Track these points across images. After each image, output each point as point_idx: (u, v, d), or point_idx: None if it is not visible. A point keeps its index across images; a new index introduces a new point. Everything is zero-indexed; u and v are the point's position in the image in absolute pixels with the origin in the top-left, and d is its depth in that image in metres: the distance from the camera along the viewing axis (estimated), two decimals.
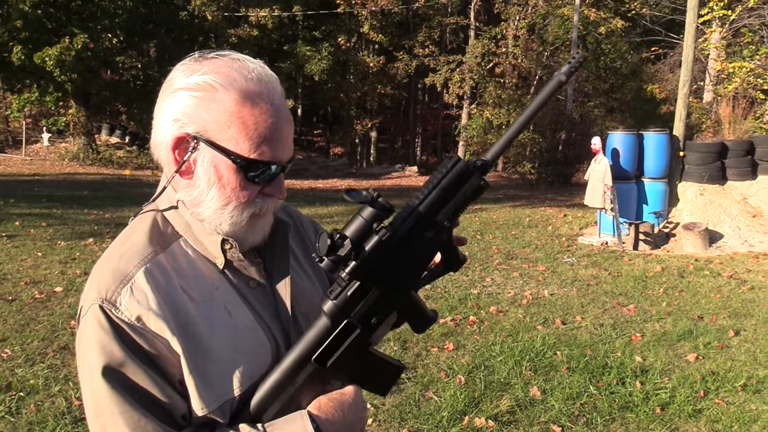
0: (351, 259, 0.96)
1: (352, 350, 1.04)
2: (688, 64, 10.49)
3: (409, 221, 1.02)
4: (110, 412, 0.94)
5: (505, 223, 11.99)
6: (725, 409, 3.93)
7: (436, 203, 1.02)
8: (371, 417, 3.63)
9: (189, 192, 1.02)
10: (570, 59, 1.05)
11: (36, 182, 15.46)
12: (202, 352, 0.98)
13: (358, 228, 0.96)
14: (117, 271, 0.99)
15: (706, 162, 10.26)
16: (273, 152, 1.00)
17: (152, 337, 0.96)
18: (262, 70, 1.02)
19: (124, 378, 0.94)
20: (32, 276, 6.41)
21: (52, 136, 22.99)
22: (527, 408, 3.85)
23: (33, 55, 17.96)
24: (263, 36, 24.08)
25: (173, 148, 1.00)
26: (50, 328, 4.90)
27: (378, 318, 1.04)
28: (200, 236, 1.05)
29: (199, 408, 0.97)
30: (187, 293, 1.00)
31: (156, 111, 1.03)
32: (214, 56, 1.02)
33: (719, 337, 5.26)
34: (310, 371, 1.02)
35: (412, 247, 1.03)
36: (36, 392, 3.80)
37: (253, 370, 1.02)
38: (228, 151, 0.98)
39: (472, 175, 1.04)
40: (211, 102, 0.97)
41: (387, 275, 1.02)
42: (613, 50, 23.91)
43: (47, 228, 9.07)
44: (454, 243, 1.10)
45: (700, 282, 7.25)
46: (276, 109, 1.01)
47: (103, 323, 0.95)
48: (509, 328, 5.36)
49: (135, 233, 1.05)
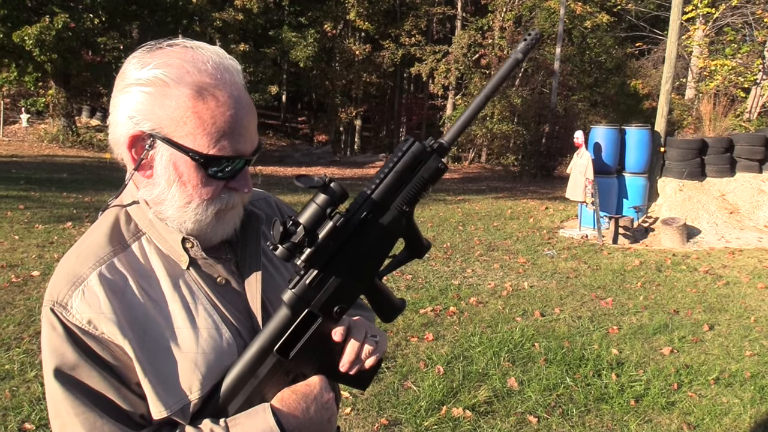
0: (305, 246, 0.94)
1: (315, 340, 1.01)
2: (671, 60, 10.57)
3: (365, 207, 0.99)
4: (67, 413, 0.93)
5: (487, 214, 12.05)
6: (698, 401, 4.00)
7: (392, 187, 0.99)
8: (349, 406, 3.64)
9: (150, 190, 0.99)
10: (526, 36, 0.99)
11: (14, 164, 15.21)
12: (160, 355, 0.96)
13: (311, 214, 0.94)
14: (71, 272, 0.97)
15: (686, 158, 10.37)
16: (234, 146, 0.96)
17: (105, 340, 0.94)
18: (218, 59, 0.97)
19: (78, 380, 0.93)
20: (8, 259, 6.32)
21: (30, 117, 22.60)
22: (504, 398, 3.89)
23: (12, 34, 17.60)
24: (248, 20, 23.82)
25: (129, 146, 0.96)
26: (27, 313, 4.84)
27: (341, 307, 1.02)
28: (163, 233, 1.02)
29: (157, 412, 0.95)
30: (147, 293, 0.98)
31: (111, 107, 0.99)
32: (166, 46, 0.97)
33: (694, 331, 5.34)
34: (273, 363, 1.00)
35: (369, 234, 1.00)
36: (11, 377, 3.75)
37: (216, 371, 0.99)
38: (185, 149, 0.94)
39: (429, 158, 1.00)
40: (164, 98, 0.93)
41: (346, 263, 1.00)
42: (598, 45, 24.04)
43: (24, 211, 8.94)
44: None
45: (677, 277, 7.35)
46: (235, 100, 0.96)
47: (55, 326, 0.94)
48: (489, 320, 5.40)
49: (95, 232, 1.02)
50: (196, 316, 1.00)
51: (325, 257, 0.98)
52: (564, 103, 22.08)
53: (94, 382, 0.94)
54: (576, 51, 23.95)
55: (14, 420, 3.27)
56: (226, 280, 1.05)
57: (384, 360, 1.11)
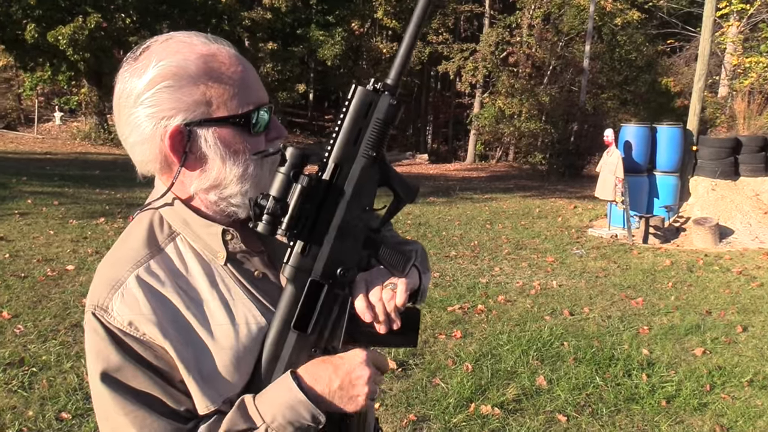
0: (281, 215, 0.93)
1: (330, 308, 1.00)
2: (704, 57, 10.39)
3: (330, 162, 0.97)
4: (116, 414, 0.95)
5: (515, 213, 11.97)
6: (731, 403, 3.93)
7: (350, 137, 0.97)
8: (378, 401, 3.66)
9: (206, 178, 0.99)
10: None
11: (48, 161, 15.55)
12: (201, 353, 0.97)
13: (277, 182, 0.93)
14: (110, 277, 0.98)
15: (719, 157, 10.18)
16: (256, 97, 1.00)
17: (146, 341, 0.95)
18: (194, 34, 1.00)
19: (123, 381, 0.95)
20: (44, 254, 6.47)
21: (64, 115, 23.09)
22: (533, 397, 3.87)
23: (46, 34, 17.99)
24: (276, 19, 23.96)
25: (171, 148, 0.97)
26: (62, 306, 4.95)
27: (344, 268, 0.99)
28: (199, 231, 1.02)
29: (204, 407, 0.97)
30: (185, 292, 0.99)
31: (126, 131, 0.99)
32: (143, 49, 0.99)
33: (727, 333, 5.25)
34: (295, 341, 0.99)
35: (344, 188, 0.98)
36: (48, 368, 3.85)
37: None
38: (224, 118, 0.96)
39: (378, 98, 0.98)
40: (182, 84, 0.95)
41: (330, 222, 0.98)
42: (629, 42, 23.66)
43: (59, 206, 9.13)
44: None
45: (709, 277, 7.23)
46: (236, 57, 0.99)
47: (97, 329, 0.96)
48: (517, 318, 5.37)
49: (131, 236, 1.04)
50: (235, 312, 1.01)
51: (306, 222, 0.97)
52: (593, 102, 21.81)
53: (139, 382, 0.95)
54: (606, 48, 23.62)
55: (51, 409, 3.36)
56: (263, 273, 1.06)
57: (421, 314, 1.02)
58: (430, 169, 23.13)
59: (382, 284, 1.01)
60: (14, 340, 4.25)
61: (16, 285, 5.39)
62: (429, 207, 12.27)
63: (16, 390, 3.55)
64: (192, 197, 1.03)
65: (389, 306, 1.00)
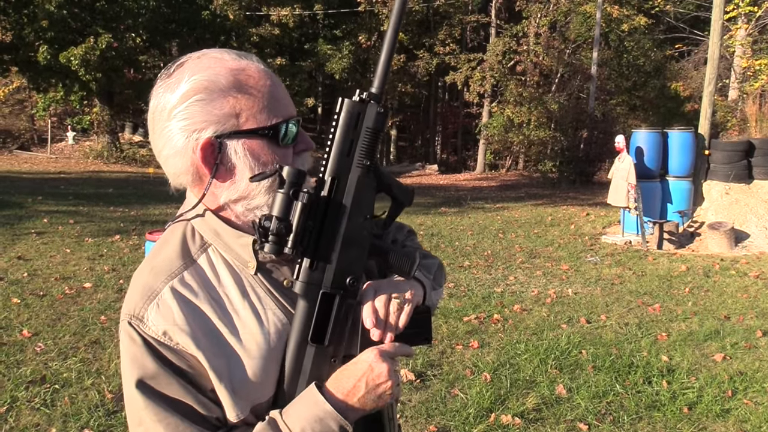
0: (286, 234, 0.95)
1: (344, 318, 1.02)
2: (713, 61, 10.37)
3: (327, 177, 1.00)
4: (150, 420, 0.97)
5: (527, 221, 11.95)
6: (754, 409, 3.89)
7: (343, 149, 1.00)
8: (398, 413, 3.65)
9: (235, 189, 1.02)
10: None
11: (62, 180, 15.71)
12: (232, 363, 0.99)
13: (278, 203, 0.95)
14: (145, 287, 1.01)
15: (732, 160, 10.13)
16: (285, 110, 1.02)
17: (179, 350, 0.98)
18: (225, 51, 1.03)
19: (158, 389, 0.97)
20: (62, 272, 6.53)
21: (76, 135, 23.34)
22: (553, 406, 3.85)
23: (58, 55, 18.27)
24: (284, 35, 24.18)
25: (203, 160, 1.00)
26: (81, 323, 4.99)
27: (352, 278, 1.02)
28: (230, 242, 1.04)
29: (234, 416, 0.99)
30: (217, 303, 1.01)
31: (160, 144, 1.02)
32: (177, 65, 1.01)
33: (747, 337, 5.21)
34: (314, 354, 1.01)
35: (344, 200, 1.01)
36: (69, 385, 3.88)
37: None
38: (253, 130, 0.99)
39: (365, 108, 1.01)
40: (214, 98, 0.98)
41: (334, 234, 1.00)
42: (636, 48, 23.64)
43: (75, 225, 9.22)
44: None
45: (726, 282, 7.17)
46: (264, 71, 1.02)
47: (134, 338, 0.98)
48: (534, 327, 5.35)
49: (165, 247, 1.06)
50: (266, 322, 1.03)
51: (311, 236, 0.99)
52: (602, 108, 21.77)
53: (173, 389, 0.98)
54: (613, 55, 23.61)
55: (74, 426, 3.38)
56: (292, 282, 1.07)
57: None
58: (440, 179, 23.16)
59: (389, 293, 1.03)
60: (35, 358, 4.29)
61: (35, 303, 5.44)
62: (441, 217, 12.26)
63: (39, 408, 3.57)
64: (222, 208, 1.05)
65: (392, 318, 1.02)
